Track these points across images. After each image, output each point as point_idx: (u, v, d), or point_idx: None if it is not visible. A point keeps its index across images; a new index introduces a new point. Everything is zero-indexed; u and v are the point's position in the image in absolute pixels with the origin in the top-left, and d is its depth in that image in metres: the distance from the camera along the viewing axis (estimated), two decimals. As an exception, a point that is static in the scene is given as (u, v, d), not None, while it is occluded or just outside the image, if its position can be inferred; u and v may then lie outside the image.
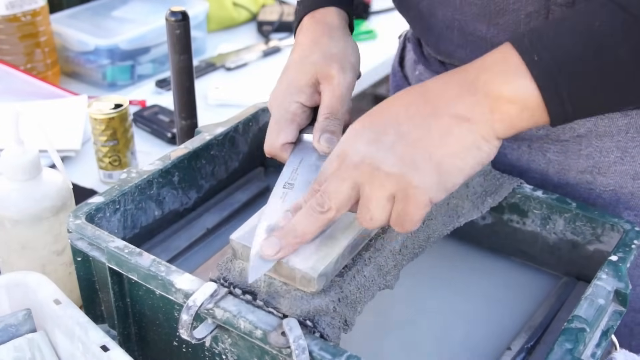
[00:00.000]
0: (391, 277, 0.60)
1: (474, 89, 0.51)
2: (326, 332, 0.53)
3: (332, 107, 0.65)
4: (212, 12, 1.43)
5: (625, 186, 0.71)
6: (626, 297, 0.59)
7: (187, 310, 0.53)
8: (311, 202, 0.53)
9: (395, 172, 0.51)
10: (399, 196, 0.51)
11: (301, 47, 0.69)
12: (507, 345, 0.64)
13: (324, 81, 0.65)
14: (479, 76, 0.52)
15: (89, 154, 1.04)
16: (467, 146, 0.51)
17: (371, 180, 0.51)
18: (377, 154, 0.51)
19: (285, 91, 0.66)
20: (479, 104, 0.51)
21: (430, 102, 0.52)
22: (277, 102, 0.66)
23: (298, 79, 0.66)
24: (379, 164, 0.51)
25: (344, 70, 0.66)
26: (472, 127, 0.51)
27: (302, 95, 0.65)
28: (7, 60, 1.18)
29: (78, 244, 0.62)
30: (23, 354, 0.58)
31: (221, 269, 0.57)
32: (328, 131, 0.63)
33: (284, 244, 0.54)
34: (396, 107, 0.53)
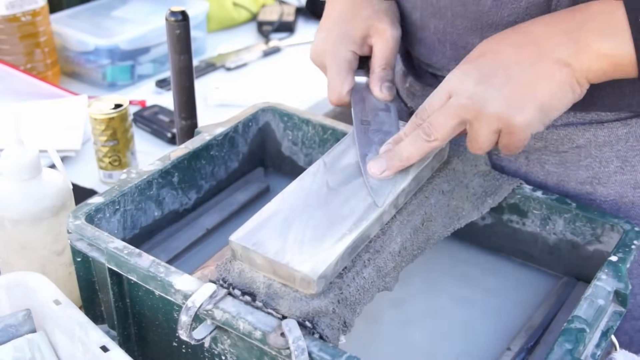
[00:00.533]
0: (390, 278, 0.60)
1: (576, 37, 0.57)
2: (325, 333, 0.53)
3: (387, 58, 0.70)
4: (212, 12, 1.43)
5: (626, 196, 0.70)
6: (626, 298, 0.59)
7: (186, 311, 0.53)
8: (418, 131, 0.60)
9: (502, 113, 0.57)
10: (504, 131, 0.58)
11: (346, 2, 0.73)
12: (507, 346, 0.64)
13: (376, 34, 0.70)
14: (584, 25, 0.57)
15: (89, 154, 1.04)
16: (565, 89, 0.58)
17: (479, 118, 0.58)
18: (486, 93, 0.57)
19: (339, 41, 0.70)
20: (580, 53, 0.57)
21: (538, 46, 0.58)
22: (333, 51, 0.70)
23: (351, 30, 0.70)
24: (487, 104, 0.57)
25: (394, 24, 0.71)
26: (571, 73, 0.57)
27: (356, 45, 0.70)
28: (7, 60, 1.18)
29: (78, 244, 0.63)
30: (23, 354, 0.58)
31: (220, 270, 0.57)
32: (387, 80, 0.70)
33: (389, 165, 0.62)
34: (504, 50, 0.59)
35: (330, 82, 0.70)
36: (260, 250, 0.55)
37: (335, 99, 0.70)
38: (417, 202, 0.65)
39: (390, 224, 0.62)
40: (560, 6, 0.63)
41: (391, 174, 0.62)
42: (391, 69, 0.71)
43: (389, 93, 0.70)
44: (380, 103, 0.70)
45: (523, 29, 0.60)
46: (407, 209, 0.64)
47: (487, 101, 0.57)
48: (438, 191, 0.67)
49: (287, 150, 0.83)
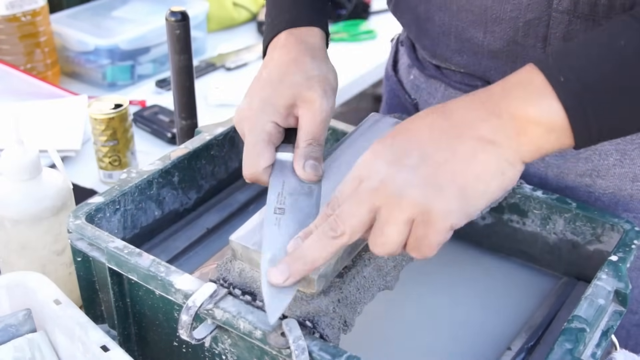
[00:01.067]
0: (391, 277, 0.60)
1: (498, 110, 0.50)
2: (326, 332, 0.53)
3: (314, 132, 0.62)
4: (212, 12, 1.43)
5: (624, 188, 0.71)
6: (626, 297, 0.59)
7: (186, 311, 0.53)
8: (323, 227, 0.51)
9: (417, 196, 0.49)
10: (419, 220, 0.49)
11: (278, 64, 0.65)
12: (507, 345, 0.64)
13: (303, 105, 0.62)
14: (504, 97, 0.50)
15: (89, 154, 1.04)
16: (491, 170, 0.50)
17: (390, 203, 0.49)
18: (399, 175, 0.49)
19: (260, 110, 0.62)
20: (505, 127, 0.50)
21: (455, 124, 0.51)
22: (251, 121, 0.63)
23: (275, 99, 0.63)
24: (401, 187, 0.49)
25: (326, 94, 0.63)
26: (498, 151, 0.50)
27: (278, 115, 0.62)
28: (7, 60, 1.18)
29: (78, 244, 0.63)
30: (23, 354, 0.58)
31: (221, 270, 0.57)
32: (312, 157, 0.61)
33: (292, 270, 0.51)
34: (419, 129, 0.52)
35: (244, 156, 0.62)
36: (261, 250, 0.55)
37: (249, 175, 0.62)
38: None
39: (391, 223, 0.62)
40: (562, 4, 0.63)
41: (296, 281, 0.51)
42: (319, 144, 0.62)
43: (313, 173, 0.61)
44: (304, 185, 0.61)
45: (440, 107, 0.53)
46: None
47: (402, 183, 0.49)
48: (438, 191, 0.67)
49: (287, 150, 0.83)
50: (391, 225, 0.49)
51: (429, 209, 0.49)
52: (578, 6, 0.62)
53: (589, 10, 0.62)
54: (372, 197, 0.50)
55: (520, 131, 0.50)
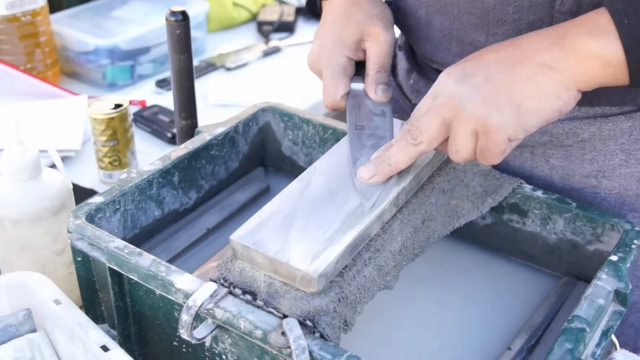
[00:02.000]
0: (391, 277, 0.60)
1: (562, 42, 0.56)
2: (326, 332, 0.53)
3: (381, 61, 0.70)
4: (212, 12, 1.43)
5: (630, 188, 0.71)
6: (626, 297, 0.59)
7: (187, 310, 0.53)
8: (406, 137, 0.60)
9: (477, 111, 0.56)
10: (481, 132, 0.57)
11: (340, 8, 0.73)
12: (507, 345, 0.64)
13: (369, 39, 0.70)
14: (570, 31, 0.56)
15: (89, 154, 1.04)
16: (547, 93, 0.56)
17: (457, 116, 0.57)
18: (464, 92, 0.57)
19: (333, 47, 0.71)
20: (566, 56, 0.56)
21: (521, 51, 0.57)
22: (327, 57, 0.71)
23: (345, 36, 0.71)
24: (465, 102, 0.56)
25: (387, 28, 0.71)
26: (556, 77, 0.56)
27: (349, 50, 0.70)
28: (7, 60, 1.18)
29: (78, 244, 0.63)
30: (23, 354, 0.58)
31: (221, 269, 0.57)
32: (381, 83, 0.70)
33: (378, 170, 0.61)
34: (488, 54, 0.58)
35: (324, 87, 0.71)
36: (261, 249, 0.55)
37: (329, 103, 0.70)
38: (417, 201, 0.65)
39: (391, 222, 0.62)
40: (564, 5, 0.63)
41: (380, 180, 0.61)
42: (386, 72, 0.71)
43: (384, 95, 0.70)
44: (376, 107, 0.69)
45: (511, 39, 0.59)
46: (407, 208, 0.64)
47: (465, 100, 0.57)
48: (438, 190, 0.67)
49: (287, 150, 0.83)
50: (460, 136, 0.58)
51: (488, 122, 0.56)
52: (581, 7, 0.62)
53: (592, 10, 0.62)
54: (442, 111, 0.58)
55: (579, 62, 0.56)
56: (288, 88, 1.25)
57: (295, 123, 0.81)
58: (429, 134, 0.59)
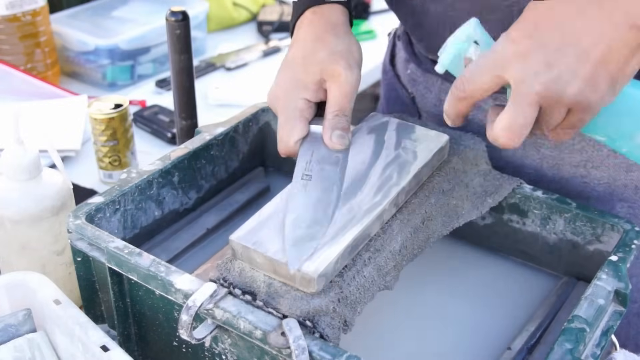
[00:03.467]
0: (391, 277, 0.60)
1: None
2: (326, 332, 0.53)
3: (340, 104, 0.65)
4: (212, 12, 1.43)
5: (618, 179, 0.72)
6: (626, 297, 0.59)
7: (186, 311, 0.53)
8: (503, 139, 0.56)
9: (579, 95, 0.52)
10: (576, 109, 0.54)
11: (303, 43, 0.69)
12: (507, 345, 0.64)
13: (330, 79, 0.66)
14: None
15: (89, 154, 1.04)
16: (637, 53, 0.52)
17: (555, 105, 0.53)
18: (561, 78, 0.52)
19: (290, 88, 0.66)
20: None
21: (605, 9, 0.52)
22: (283, 99, 0.67)
23: (304, 76, 0.66)
24: (565, 89, 0.52)
25: (350, 67, 0.66)
26: None
27: (308, 91, 0.66)
28: (7, 60, 1.18)
29: (78, 244, 0.63)
30: (23, 354, 0.58)
31: (221, 269, 0.57)
32: (338, 128, 0.65)
33: None
34: (565, 16, 0.53)
35: (279, 132, 0.66)
36: (261, 250, 0.55)
37: (282, 149, 0.66)
38: (417, 201, 0.65)
39: (391, 222, 0.62)
40: None
41: None
42: (345, 115, 0.66)
43: (339, 142, 0.65)
44: (331, 155, 0.64)
45: None
46: (407, 208, 0.64)
47: (564, 85, 0.52)
48: (438, 190, 0.67)
49: (287, 150, 0.83)
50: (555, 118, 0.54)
51: (588, 103, 0.53)
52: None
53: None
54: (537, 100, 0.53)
55: None
56: (288, 88, 1.25)
57: (295, 123, 0.81)
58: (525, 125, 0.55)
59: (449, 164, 0.69)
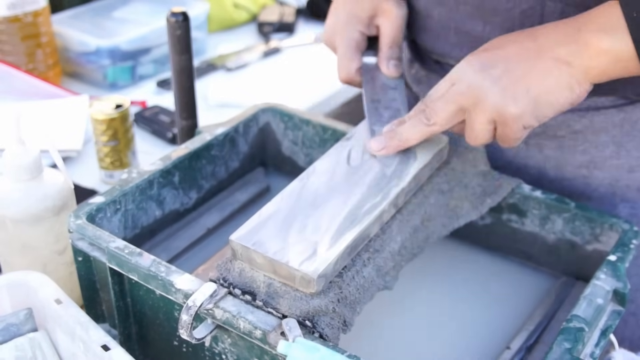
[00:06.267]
0: (390, 277, 0.60)
1: (577, 37, 0.58)
2: (325, 332, 0.53)
3: (394, 37, 0.73)
4: (213, 12, 1.43)
5: (621, 179, 0.72)
6: (625, 297, 0.59)
7: (187, 311, 0.53)
8: (419, 116, 0.63)
9: (496, 102, 0.59)
10: (498, 121, 0.60)
11: None
12: (506, 345, 0.64)
13: (382, 14, 0.73)
14: (584, 26, 0.58)
15: (90, 154, 1.04)
16: (562, 86, 0.58)
17: (475, 106, 0.60)
18: (484, 83, 0.59)
19: (347, 22, 0.73)
20: (579, 52, 0.58)
21: (538, 44, 0.59)
22: (341, 32, 0.73)
23: (358, 11, 0.73)
24: (484, 93, 0.59)
25: (399, 4, 0.73)
26: (570, 71, 0.58)
27: (363, 25, 0.73)
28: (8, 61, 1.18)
29: (79, 244, 0.63)
30: (24, 353, 0.59)
31: (221, 269, 0.57)
32: (394, 58, 0.73)
33: (388, 144, 0.64)
34: (508, 46, 0.60)
35: (339, 61, 0.73)
36: (261, 250, 0.55)
37: (344, 77, 0.73)
38: (416, 202, 0.65)
39: (390, 223, 0.62)
40: None
41: (389, 153, 0.65)
42: (398, 47, 0.73)
43: (396, 70, 0.72)
44: (390, 81, 0.72)
45: (528, 30, 0.61)
46: (406, 208, 0.64)
47: (484, 90, 0.59)
48: (437, 191, 0.67)
49: (287, 150, 0.83)
50: (477, 124, 0.61)
51: (505, 113, 0.59)
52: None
53: None
54: (460, 99, 0.61)
55: (592, 57, 0.57)
56: (288, 88, 1.26)
57: (295, 123, 0.81)
58: (443, 117, 0.61)
59: (449, 165, 0.69)
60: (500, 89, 0.59)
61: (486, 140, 0.62)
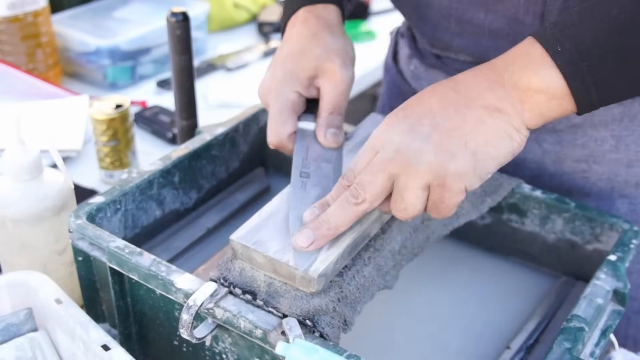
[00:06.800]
0: (390, 277, 0.60)
1: (502, 80, 0.53)
2: (326, 331, 0.53)
3: (335, 102, 0.66)
4: (213, 12, 1.43)
5: (619, 174, 0.72)
6: (625, 297, 0.59)
7: (187, 310, 0.53)
8: (345, 195, 0.54)
9: (431, 162, 0.51)
10: (435, 184, 0.52)
11: (298, 39, 0.68)
12: (507, 344, 0.64)
13: (324, 76, 0.66)
14: (506, 68, 0.53)
15: (90, 154, 1.04)
16: (500, 135, 0.52)
17: (407, 170, 0.52)
18: (413, 144, 0.52)
19: (283, 81, 0.66)
20: (509, 95, 0.52)
21: (462, 93, 0.53)
22: (275, 92, 0.66)
23: (297, 70, 0.66)
24: (416, 155, 0.52)
25: (345, 66, 0.66)
26: (504, 117, 0.52)
27: (300, 86, 0.66)
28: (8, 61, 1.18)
29: (79, 243, 0.63)
30: (24, 353, 0.59)
31: (221, 269, 0.57)
32: (333, 126, 0.65)
33: (317, 235, 0.54)
34: (429, 99, 0.54)
35: (270, 123, 0.66)
36: (261, 249, 0.55)
37: (273, 141, 0.65)
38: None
39: (390, 222, 0.62)
40: None
41: (321, 245, 0.55)
42: (339, 114, 0.66)
43: (334, 140, 0.65)
44: (326, 153, 0.65)
45: (447, 81, 0.55)
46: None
47: (416, 152, 0.52)
48: (438, 191, 0.67)
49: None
50: (409, 191, 0.52)
51: (444, 173, 0.52)
52: None
53: None
54: (388, 166, 0.53)
55: (523, 99, 0.52)
56: (288, 88, 1.26)
57: (296, 123, 0.81)
58: (372, 192, 0.53)
59: (449, 164, 0.69)
60: (433, 146, 0.51)
61: (418, 212, 0.53)
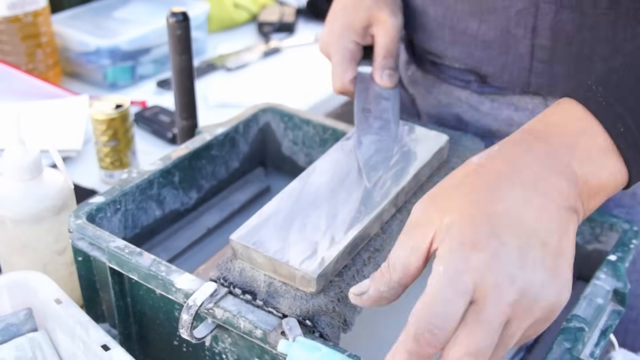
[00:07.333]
0: (390, 276, 0.60)
1: (574, 177, 0.45)
2: (326, 331, 0.53)
3: (388, 47, 0.72)
4: (213, 12, 1.43)
5: None
6: (625, 297, 0.59)
7: (187, 310, 0.53)
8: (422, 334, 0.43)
9: (554, 300, 0.42)
10: (543, 318, 0.43)
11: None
12: (506, 345, 0.64)
13: (377, 24, 0.72)
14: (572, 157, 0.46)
15: (90, 154, 1.04)
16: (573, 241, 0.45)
17: (526, 315, 0.41)
18: (535, 279, 0.41)
19: (342, 32, 0.73)
20: (582, 193, 0.46)
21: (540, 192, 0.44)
22: (335, 42, 0.73)
23: (353, 21, 0.73)
24: (539, 294, 0.41)
25: (394, 13, 0.73)
26: (576, 218, 0.46)
27: (358, 35, 0.73)
28: (8, 61, 1.18)
29: (79, 243, 0.63)
30: (24, 353, 0.59)
31: (221, 269, 0.57)
32: (387, 68, 0.72)
33: None
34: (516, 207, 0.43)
35: (333, 71, 0.72)
36: (261, 249, 0.55)
37: (338, 87, 0.72)
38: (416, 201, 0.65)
39: (390, 222, 0.62)
40: None
41: None
42: (392, 57, 0.73)
43: (390, 80, 0.72)
44: (383, 92, 0.72)
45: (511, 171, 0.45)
46: (407, 208, 0.64)
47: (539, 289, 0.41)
48: (438, 191, 0.67)
49: (287, 150, 0.83)
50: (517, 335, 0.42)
51: (560, 306, 0.43)
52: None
53: (576, 1, 0.63)
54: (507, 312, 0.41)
55: (592, 195, 0.47)
56: (288, 88, 1.26)
57: (295, 123, 0.81)
58: None
59: (449, 165, 0.69)
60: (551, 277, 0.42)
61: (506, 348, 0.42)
